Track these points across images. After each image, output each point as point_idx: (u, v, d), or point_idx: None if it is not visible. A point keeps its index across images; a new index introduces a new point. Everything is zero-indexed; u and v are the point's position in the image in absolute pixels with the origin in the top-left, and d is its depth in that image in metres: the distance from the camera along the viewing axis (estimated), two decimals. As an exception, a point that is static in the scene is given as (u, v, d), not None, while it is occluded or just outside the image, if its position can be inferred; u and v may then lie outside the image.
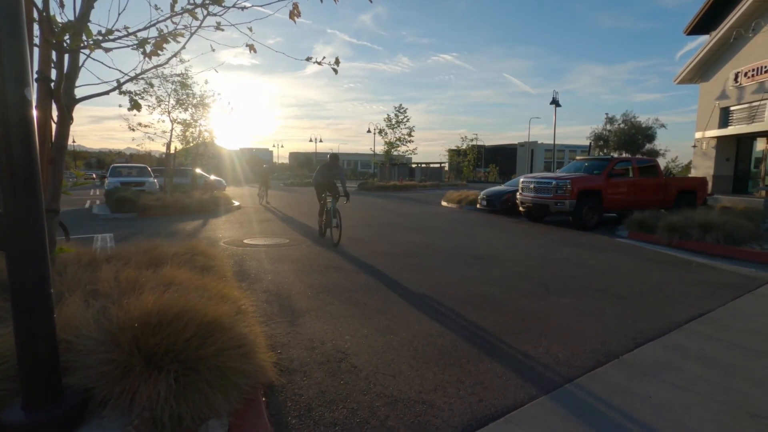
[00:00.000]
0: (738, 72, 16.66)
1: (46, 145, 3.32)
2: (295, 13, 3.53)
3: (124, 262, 4.06)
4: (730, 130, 17.36)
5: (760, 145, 17.60)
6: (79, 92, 3.45)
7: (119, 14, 3.29)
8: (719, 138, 17.98)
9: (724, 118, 17.86)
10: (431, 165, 51.66)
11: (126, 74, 3.56)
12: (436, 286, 5.08)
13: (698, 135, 18.93)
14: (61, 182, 3.49)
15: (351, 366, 3.00)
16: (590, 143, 30.17)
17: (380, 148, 34.58)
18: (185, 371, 2.17)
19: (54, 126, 3.40)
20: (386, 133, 33.04)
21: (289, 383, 2.74)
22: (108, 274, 3.41)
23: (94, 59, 3.42)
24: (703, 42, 18.61)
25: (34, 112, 1.98)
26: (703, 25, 18.61)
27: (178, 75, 14.98)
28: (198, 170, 20.03)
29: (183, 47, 3.68)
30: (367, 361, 3.08)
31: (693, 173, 19.78)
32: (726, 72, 17.38)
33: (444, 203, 17.38)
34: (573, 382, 2.81)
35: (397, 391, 2.67)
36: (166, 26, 3.46)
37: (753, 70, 16.00)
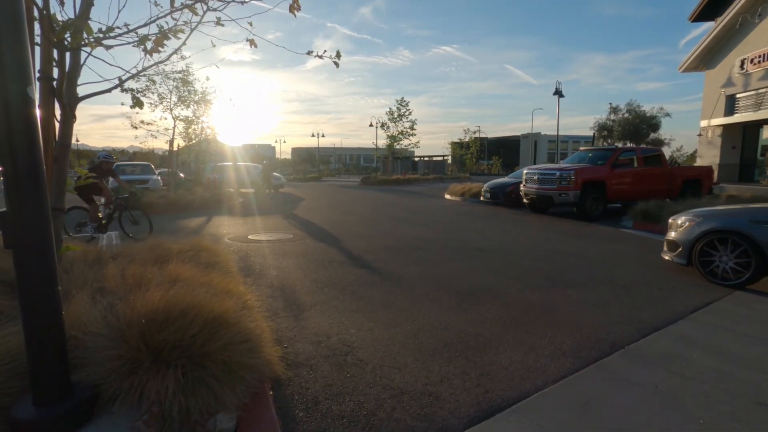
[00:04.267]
0: (744, 59, 16.44)
1: (50, 144, 3.33)
2: (295, 6, 3.51)
3: (129, 260, 4.08)
4: (736, 118, 17.17)
5: (766, 132, 17.43)
6: (81, 90, 3.46)
7: (119, 11, 3.29)
8: (725, 126, 17.80)
9: (730, 106, 17.66)
10: (434, 158, 51.55)
11: (127, 72, 3.57)
12: (440, 279, 5.08)
13: (703, 123, 18.75)
14: (66, 181, 3.52)
15: (357, 359, 3.01)
16: (594, 133, 29.98)
17: (382, 142, 34.50)
18: (193, 366, 2.19)
19: (57, 125, 3.41)
20: (388, 127, 32.95)
21: (296, 377, 2.76)
22: (114, 271, 3.43)
23: (95, 57, 3.42)
24: (708, 29, 18.38)
25: (37, 111, 1.98)
26: (708, 11, 18.35)
27: (179, 72, 14.98)
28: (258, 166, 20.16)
29: (183, 43, 3.68)
30: (372, 354, 3.10)
31: (698, 162, 19.64)
32: (732, 59, 17.16)
33: (447, 196, 17.35)
34: (578, 372, 2.81)
35: (403, 383, 2.69)
36: (167, 22, 3.46)
37: (759, 56, 15.78)
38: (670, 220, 5.71)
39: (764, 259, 4.57)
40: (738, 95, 17.34)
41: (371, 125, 36.42)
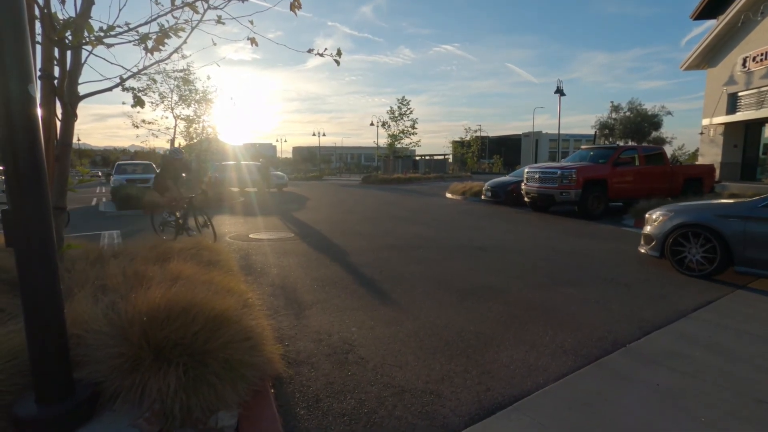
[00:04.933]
0: (746, 57, 16.38)
1: (51, 143, 3.34)
2: (295, 5, 3.51)
3: (131, 258, 4.09)
4: (738, 117, 17.12)
5: (768, 131, 17.36)
6: (82, 89, 3.46)
7: (120, 10, 3.29)
8: (727, 124, 17.74)
9: (732, 104, 17.60)
10: (435, 157, 51.48)
11: (129, 70, 3.56)
12: (441, 278, 5.08)
13: (705, 122, 18.69)
14: (67, 180, 3.52)
15: (358, 357, 3.02)
16: (595, 132, 29.93)
17: (384, 141, 34.43)
18: (194, 364, 2.19)
19: (58, 124, 3.41)
20: (389, 126, 32.88)
21: (297, 375, 2.76)
22: (116, 269, 3.44)
23: (96, 55, 3.42)
24: (710, 27, 18.32)
25: (39, 110, 1.98)
26: (710, 9, 18.28)
27: (180, 71, 15.01)
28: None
29: (184, 42, 3.68)
30: (373, 352, 3.10)
31: (700, 161, 19.57)
32: (734, 57, 17.09)
33: (448, 195, 17.34)
34: (580, 370, 2.81)
35: (405, 381, 2.69)
36: (167, 21, 3.46)
37: (762, 54, 15.72)
38: (646, 215, 6.03)
39: (729, 251, 4.83)
40: (740, 93, 17.28)
41: (372, 124, 36.40)
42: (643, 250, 5.86)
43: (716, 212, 5.03)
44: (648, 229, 5.80)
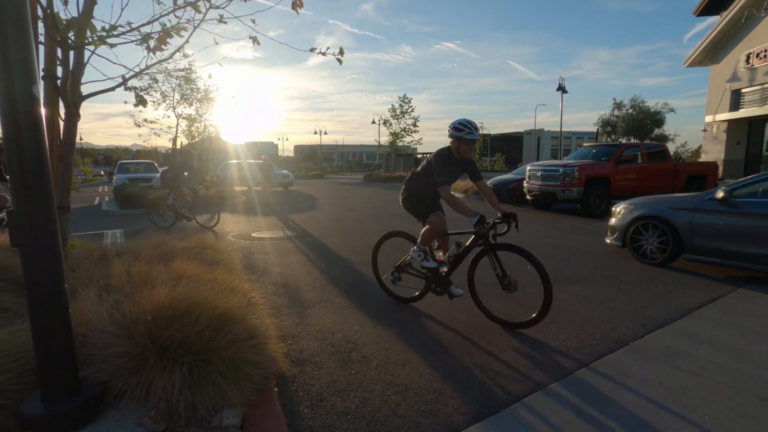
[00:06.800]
0: (750, 53, 16.29)
1: (55, 143, 3.35)
2: (297, 3, 3.51)
3: (134, 257, 4.11)
4: (742, 113, 17.03)
5: (772, 127, 17.26)
6: (85, 89, 3.47)
7: (122, 9, 3.29)
8: (730, 121, 17.66)
9: (735, 101, 17.51)
10: (437, 155, 51.30)
11: (131, 70, 3.57)
12: (444, 276, 5.07)
13: (708, 119, 18.61)
14: (71, 179, 3.53)
15: (361, 356, 3.02)
16: (598, 129, 29.85)
17: (385, 139, 34.38)
18: (198, 363, 2.20)
19: (62, 123, 3.43)
20: (391, 124, 32.83)
21: (301, 373, 2.77)
22: (120, 268, 3.45)
23: (98, 55, 3.43)
24: (713, 23, 18.21)
25: (43, 110, 1.99)
26: (713, 5, 18.18)
27: (182, 70, 15.02)
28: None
29: (186, 41, 3.68)
30: (376, 351, 3.11)
31: (703, 158, 19.48)
32: (737, 53, 17.00)
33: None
34: (583, 368, 2.81)
35: (408, 380, 2.69)
36: (169, 20, 3.47)
37: (765, 50, 15.63)
38: (612, 209, 6.39)
39: (680, 240, 5.28)
40: (743, 90, 17.20)
41: (374, 122, 36.35)
42: (608, 241, 6.21)
43: (670, 205, 5.46)
44: (612, 221, 6.18)
